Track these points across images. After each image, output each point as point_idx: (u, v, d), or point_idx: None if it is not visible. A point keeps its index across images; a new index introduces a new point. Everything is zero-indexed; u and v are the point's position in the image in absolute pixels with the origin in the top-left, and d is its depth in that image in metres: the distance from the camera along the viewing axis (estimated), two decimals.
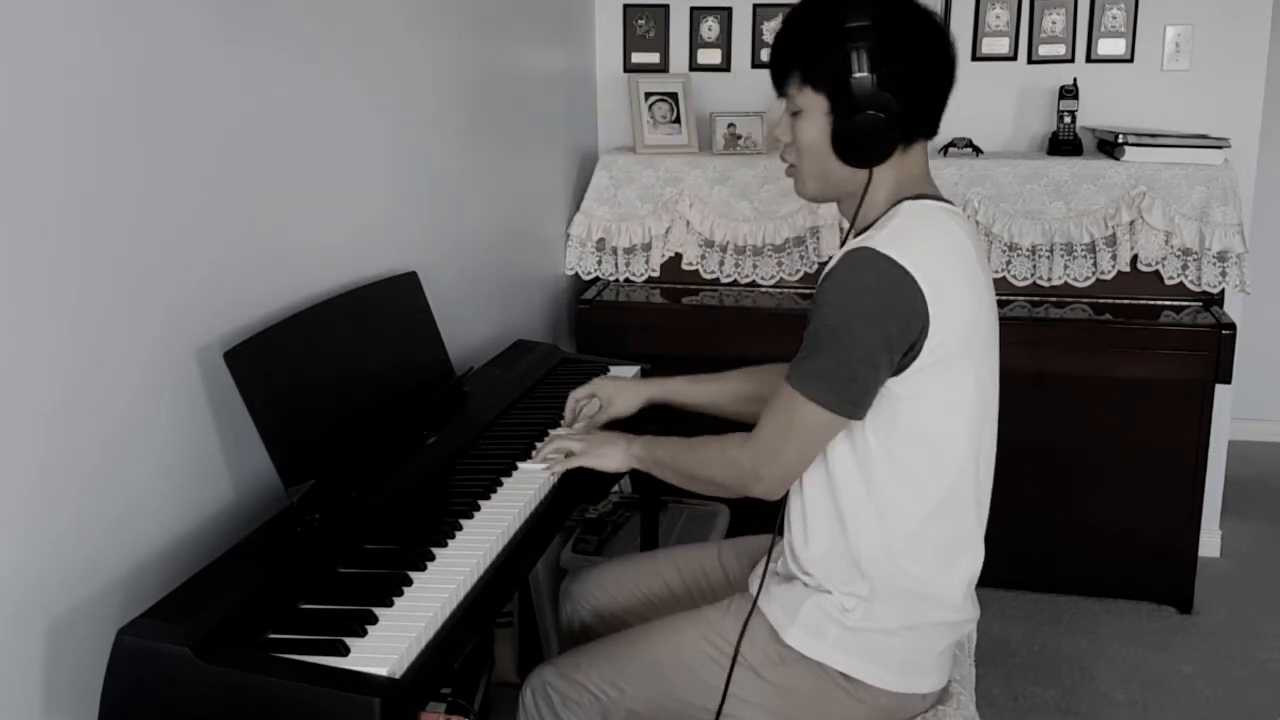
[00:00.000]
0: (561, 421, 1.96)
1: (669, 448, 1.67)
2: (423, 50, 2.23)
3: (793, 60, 1.54)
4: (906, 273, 1.43)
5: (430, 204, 2.29)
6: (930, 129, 1.57)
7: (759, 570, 1.65)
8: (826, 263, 1.59)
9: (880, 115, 1.47)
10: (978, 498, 1.59)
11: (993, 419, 1.60)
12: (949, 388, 1.50)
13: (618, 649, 1.67)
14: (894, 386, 1.48)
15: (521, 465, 1.79)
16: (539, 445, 1.84)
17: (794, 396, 1.48)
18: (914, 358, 1.46)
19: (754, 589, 1.62)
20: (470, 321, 2.44)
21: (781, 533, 1.64)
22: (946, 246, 1.51)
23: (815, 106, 1.52)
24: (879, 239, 1.46)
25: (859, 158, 1.52)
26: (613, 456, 1.73)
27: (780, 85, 1.56)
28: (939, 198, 1.58)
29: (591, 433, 1.82)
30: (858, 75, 1.46)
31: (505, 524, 1.60)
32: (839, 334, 1.44)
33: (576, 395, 1.96)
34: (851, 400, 1.46)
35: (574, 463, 1.75)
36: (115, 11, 1.38)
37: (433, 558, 1.49)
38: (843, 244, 1.55)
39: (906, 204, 1.53)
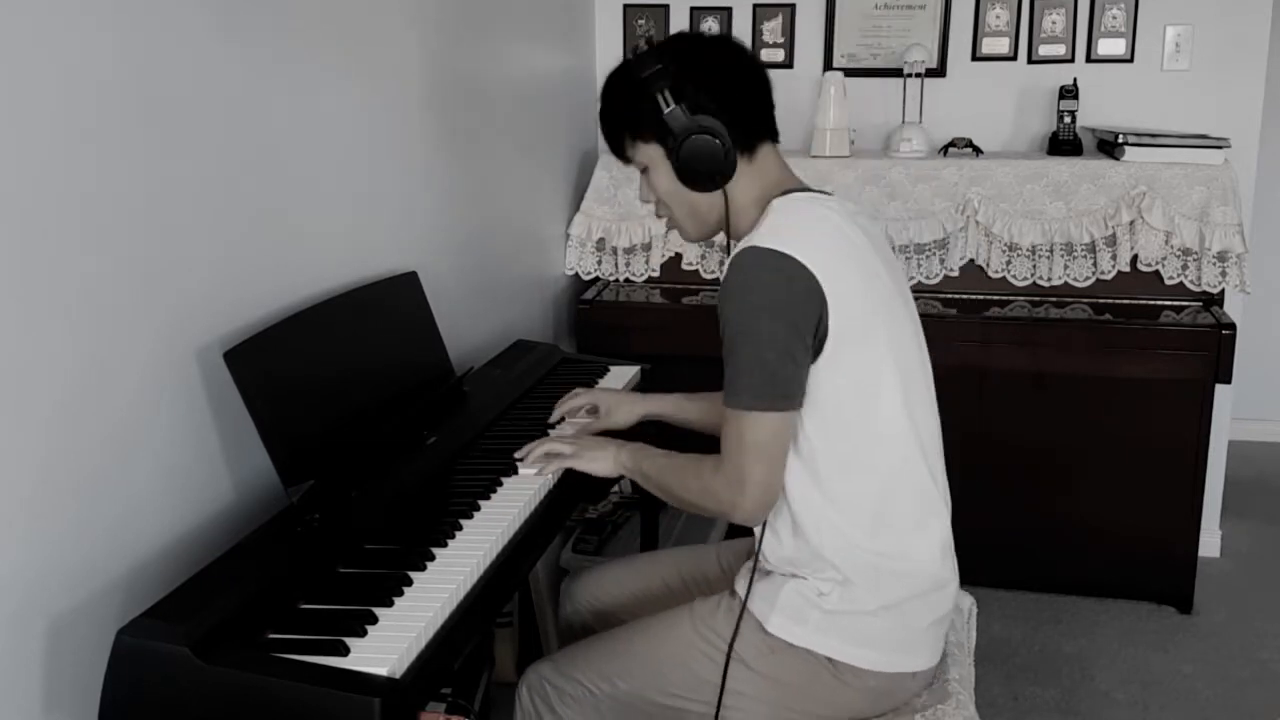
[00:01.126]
0: (552, 421, 1.97)
1: (656, 463, 1.68)
2: (423, 50, 2.23)
3: (618, 126, 1.64)
4: (792, 258, 1.47)
5: (430, 204, 2.29)
6: (766, 132, 1.63)
7: (744, 569, 1.66)
8: None
9: (705, 135, 1.55)
10: (929, 466, 1.61)
11: (924, 384, 1.63)
12: (866, 362, 1.53)
13: (612, 644, 1.69)
14: (817, 374, 1.51)
15: (518, 469, 1.78)
16: (528, 446, 1.82)
17: (734, 416, 1.50)
18: (825, 338, 1.49)
19: (740, 588, 1.63)
20: (470, 321, 2.44)
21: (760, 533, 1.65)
22: (820, 226, 1.55)
23: (654, 156, 1.61)
24: (758, 236, 1.52)
25: (709, 181, 1.59)
26: (602, 462, 1.74)
27: (621, 154, 1.67)
28: (808, 188, 1.63)
29: (583, 436, 1.83)
30: (668, 110, 1.55)
31: (505, 524, 1.60)
32: (748, 337, 1.48)
33: (575, 404, 1.97)
34: (783, 394, 1.49)
35: (566, 464, 1.76)
36: (115, 11, 1.38)
37: (433, 558, 1.49)
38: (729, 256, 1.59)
39: (775, 202, 1.58)
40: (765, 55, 3.32)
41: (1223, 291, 2.93)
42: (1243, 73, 3.07)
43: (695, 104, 1.56)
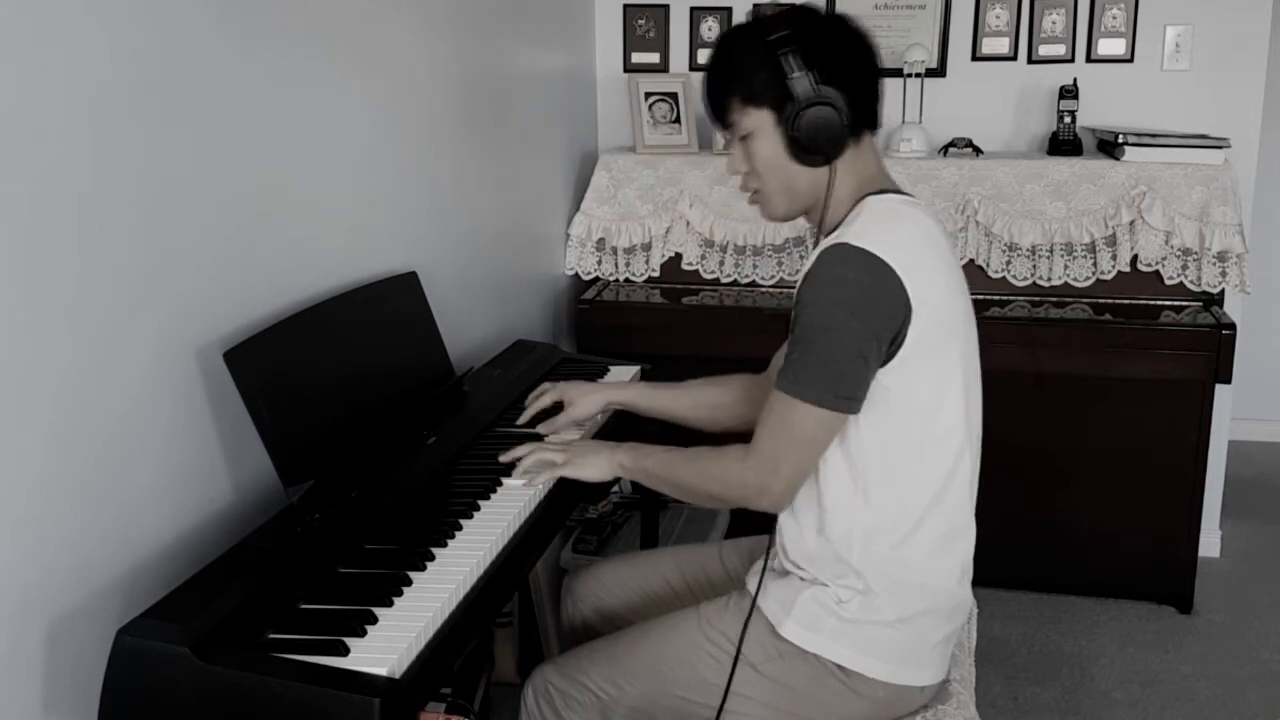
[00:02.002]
0: (521, 423, 1.95)
1: (661, 459, 1.65)
2: (423, 50, 2.23)
3: (729, 87, 1.58)
4: (884, 262, 1.45)
5: (430, 204, 2.29)
6: (873, 120, 1.60)
7: (755, 567, 1.65)
8: None
9: (828, 106, 1.52)
10: (969, 486, 1.60)
11: (979, 403, 1.62)
12: (937, 373, 1.52)
13: (618, 647, 1.67)
14: (883, 378, 1.49)
15: (505, 481, 1.73)
16: (521, 456, 1.76)
17: (787, 401, 1.48)
18: (900, 346, 1.47)
19: (751, 586, 1.62)
20: (470, 321, 2.44)
21: (775, 530, 1.64)
22: (917, 235, 1.53)
23: (763, 121, 1.56)
24: (850, 233, 1.49)
25: (818, 155, 1.55)
26: (596, 466, 1.70)
27: (722, 118, 1.61)
28: (900, 191, 1.61)
29: (574, 441, 1.81)
30: (794, 76, 1.51)
31: (505, 524, 1.60)
32: (824, 331, 1.45)
33: (542, 402, 1.95)
34: (846, 395, 1.47)
35: (557, 473, 1.71)
36: (115, 11, 1.38)
37: (432, 558, 1.49)
38: (814, 246, 1.57)
39: (870, 200, 1.56)
40: None
41: (1223, 291, 2.93)
42: (1243, 73, 3.07)
43: (823, 74, 1.51)
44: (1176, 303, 2.94)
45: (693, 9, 3.33)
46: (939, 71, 3.23)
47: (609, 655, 1.66)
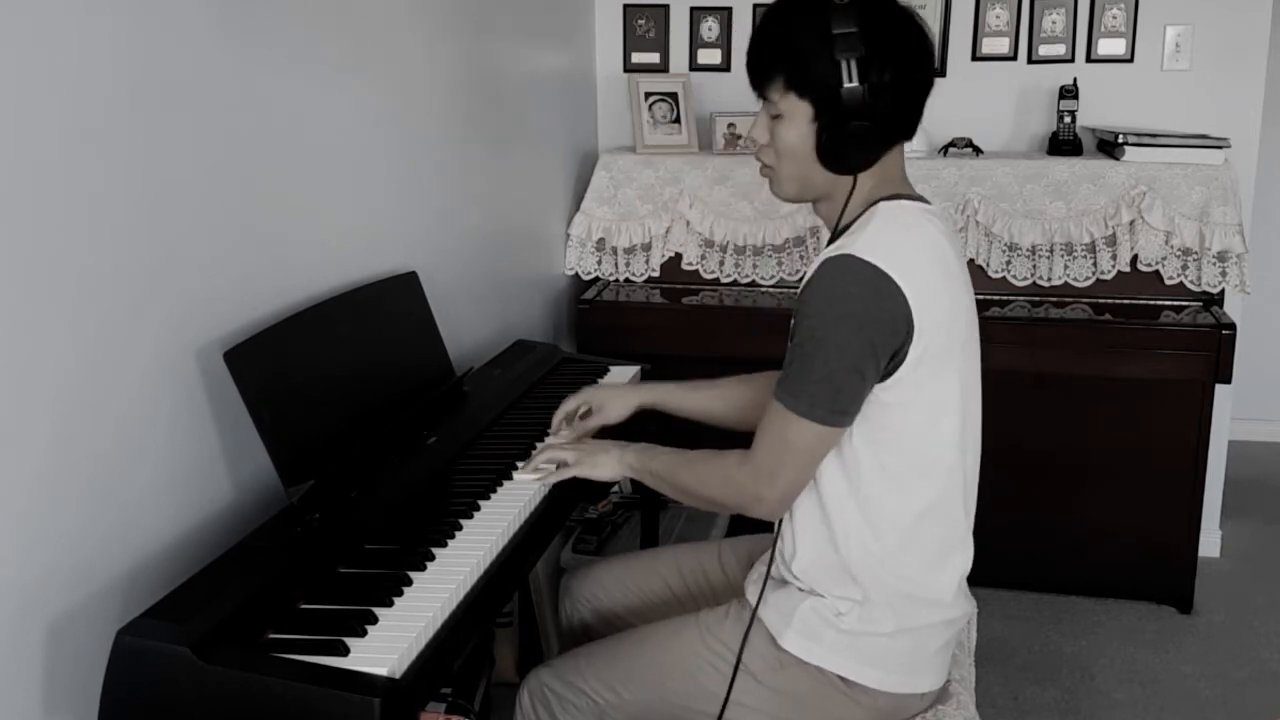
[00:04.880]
0: (549, 431, 1.94)
1: (666, 461, 1.64)
2: (423, 50, 2.23)
3: (777, 65, 1.50)
4: (888, 278, 1.42)
5: (430, 204, 2.29)
6: (911, 131, 1.56)
7: (754, 575, 1.65)
8: None
9: (868, 124, 1.46)
10: (965, 497, 1.59)
11: (977, 419, 1.60)
12: (936, 391, 1.50)
13: (616, 652, 1.66)
14: (881, 394, 1.47)
15: (515, 476, 1.75)
16: (533, 454, 1.79)
17: (784, 414, 1.47)
18: (900, 363, 1.45)
19: (751, 595, 1.61)
20: (470, 321, 2.44)
21: (776, 538, 1.64)
22: (925, 248, 1.49)
23: (799, 112, 1.50)
24: (858, 245, 1.44)
25: (845, 166, 1.51)
26: (606, 465, 1.69)
27: (761, 87, 1.53)
28: (914, 196, 1.57)
29: (584, 441, 1.80)
30: (848, 85, 1.44)
31: (505, 524, 1.60)
32: (823, 344, 1.43)
33: (567, 409, 1.93)
34: (841, 410, 1.46)
35: (567, 473, 1.72)
36: (115, 11, 1.38)
37: (433, 558, 1.49)
38: (826, 243, 1.55)
39: (882, 205, 1.52)
40: None
41: (1223, 291, 2.93)
42: (1243, 73, 3.07)
43: (876, 88, 1.44)
44: (1176, 303, 2.93)
45: (693, 9, 3.33)
46: (939, 71, 3.22)
47: (606, 660, 1.65)
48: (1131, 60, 3.14)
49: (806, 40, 1.46)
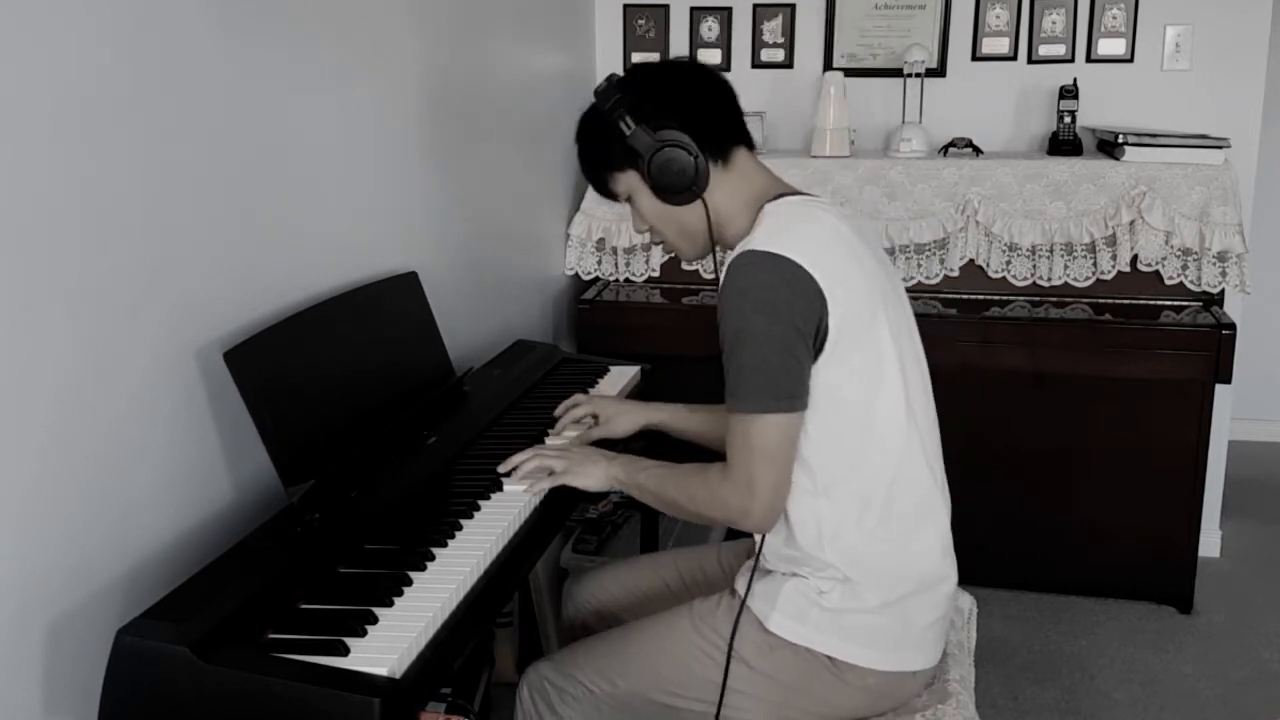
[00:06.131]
0: (552, 431, 1.94)
1: (652, 474, 1.66)
2: (423, 50, 2.23)
3: (595, 164, 1.68)
4: (788, 260, 1.47)
5: (430, 204, 2.29)
6: (737, 138, 1.64)
7: (744, 567, 1.67)
8: None
9: (672, 148, 1.58)
10: (929, 463, 1.61)
11: (923, 386, 1.64)
12: (867, 360, 1.53)
13: (612, 644, 1.69)
14: (817, 373, 1.51)
15: (505, 486, 1.72)
16: (520, 458, 1.76)
17: (739, 419, 1.50)
18: (825, 337, 1.49)
19: (740, 587, 1.63)
20: (470, 321, 2.44)
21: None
22: (819, 229, 1.55)
23: (633, 183, 1.64)
24: (755, 241, 1.52)
25: (686, 193, 1.61)
26: (594, 476, 1.71)
27: (606, 191, 1.69)
28: (798, 192, 1.64)
29: (573, 449, 1.80)
30: (631, 132, 1.58)
31: (505, 524, 1.60)
32: (748, 337, 1.47)
33: (576, 415, 1.95)
34: (787, 394, 1.48)
35: (555, 481, 1.72)
36: (115, 11, 1.38)
37: (433, 558, 1.49)
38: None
39: (768, 207, 1.59)
40: (765, 55, 3.32)
41: (1223, 291, 2.93)
42: (1243, 73, 3.07)
43: (657, 122, 1.58)
44: (1176, 303, 2.94)
45: (693, 9, 3.33)
46: (939, 71, 3.23)
47: (603, 651, 1.68)
48: (1131, 60, 3.14)
49: (596, 130, 1.66)
